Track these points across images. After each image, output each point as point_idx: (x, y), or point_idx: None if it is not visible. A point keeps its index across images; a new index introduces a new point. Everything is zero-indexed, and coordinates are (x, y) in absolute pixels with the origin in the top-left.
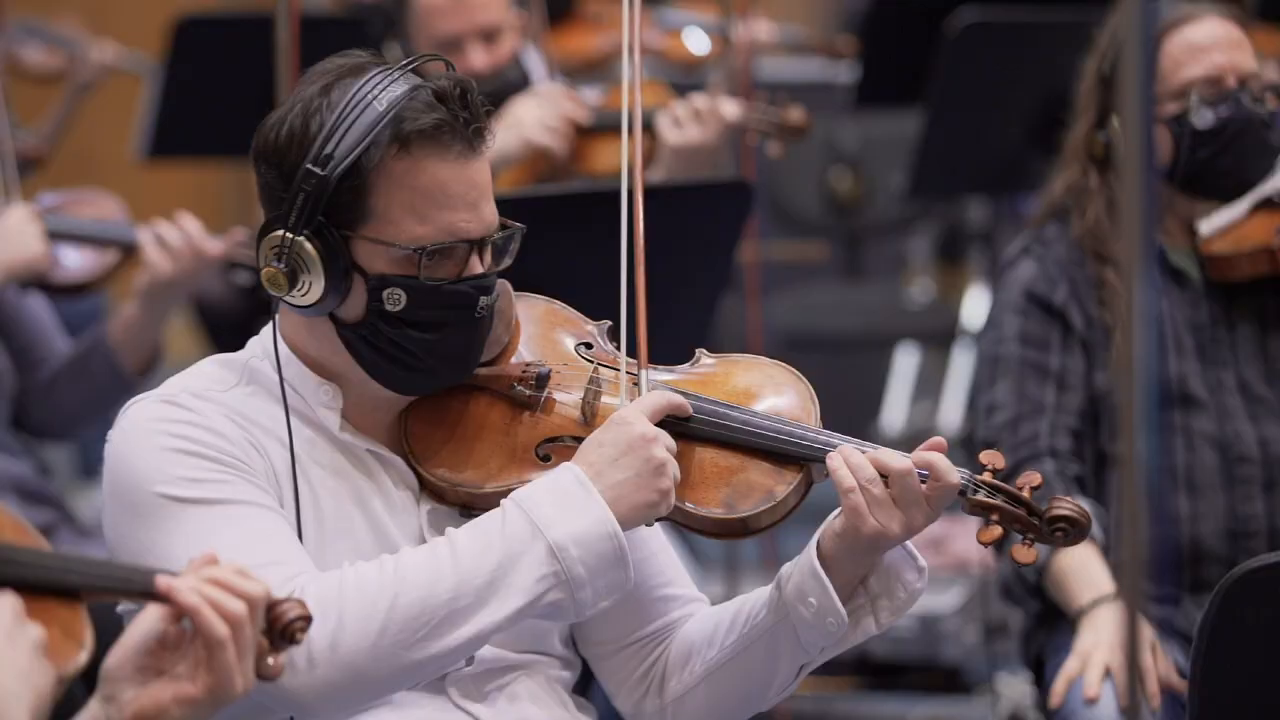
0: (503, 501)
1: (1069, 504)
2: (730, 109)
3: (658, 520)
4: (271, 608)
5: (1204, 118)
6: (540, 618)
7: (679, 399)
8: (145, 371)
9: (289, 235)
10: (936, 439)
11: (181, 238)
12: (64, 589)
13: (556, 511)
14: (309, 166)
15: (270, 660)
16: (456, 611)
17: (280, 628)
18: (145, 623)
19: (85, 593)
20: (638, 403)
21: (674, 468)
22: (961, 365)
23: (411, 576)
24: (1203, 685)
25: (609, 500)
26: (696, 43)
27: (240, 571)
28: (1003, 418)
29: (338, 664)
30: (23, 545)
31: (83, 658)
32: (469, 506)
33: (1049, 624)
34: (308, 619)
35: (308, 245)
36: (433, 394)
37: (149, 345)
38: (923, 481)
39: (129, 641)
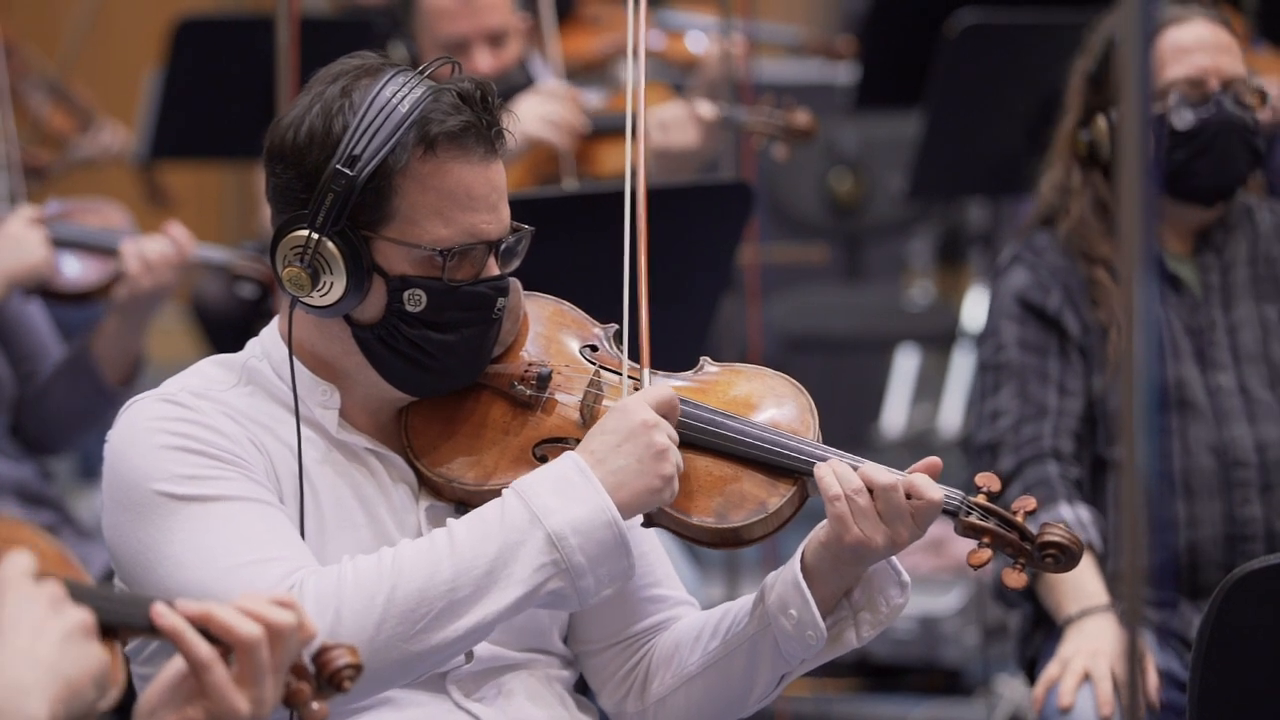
0: (503, 491)
1: (1061, 531)
2: (706, 109)
3: (654, 526)
4: (321, 653)
5: (1183, 118)
6: (543, 607)
7: (675, 400)
8: (127, 382)
9: (314, 235)
10: (931, 459)
11: (161, 252)
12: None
13: (556, 500)
14: (339, 167)
15: (316, 706)
16: (456, 602)
17: (328, 674)
18: (177, 660)
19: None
20: (641, 392)
21: (677, 455)
22: (962, 367)
23: (409, 567)
24: (1202, 687)
25: (610, 487)
26: (698, 45)
27: (280, 600)
28: (1007, 422)
29: None
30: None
31: (110, 696)
32: (466, 503)
33: (1045, 626)
34: (358, 668)
35: (330, 245)
36: None
37: (131, 355)
38: (908, 497)
39: (160, 678)
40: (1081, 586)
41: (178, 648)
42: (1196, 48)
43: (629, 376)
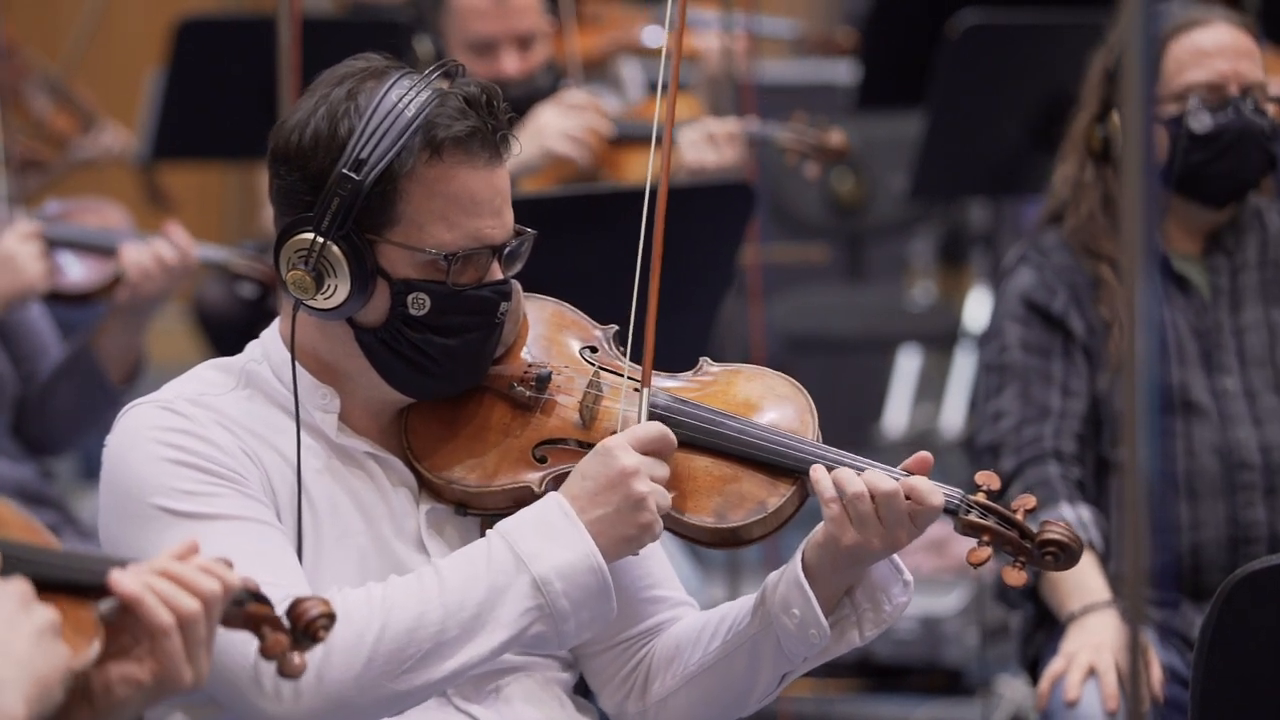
0: (488, 532)
1: (1061, 528)
2: (738, 125)
3: None
4: (294, 606)
5: (1202, 122)
6: (524, 648)
7: (669, 438)
8: (128, 381)
9: (319, 239)
10: (922, 455)
11: (161, 259)
12: (56, 584)
13: (541, 544)
14: (345, 171)
15: (295, 659)
16: (443, 644)
17: (303, 625)
18: (104, 604)
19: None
20: (628, 432)
21: (659, 498)
22: (963, 367)
23: (399, 607)
24: (1204, 687)
25: (592, 534)
26: (700, 38)
27: (207, 568)
28: (1009, 423)
29: (324, 695)
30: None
31: (92, 652)
32: (465, 505)
33: (1047, 626)
34: (331, 616)
35: (335, 249)
36: None
37: (132, 355)
38: (906, 498)
39: None
40: (1084, 584)
41: (137, 613)
42: (1217, 52)
43: (629, 378)
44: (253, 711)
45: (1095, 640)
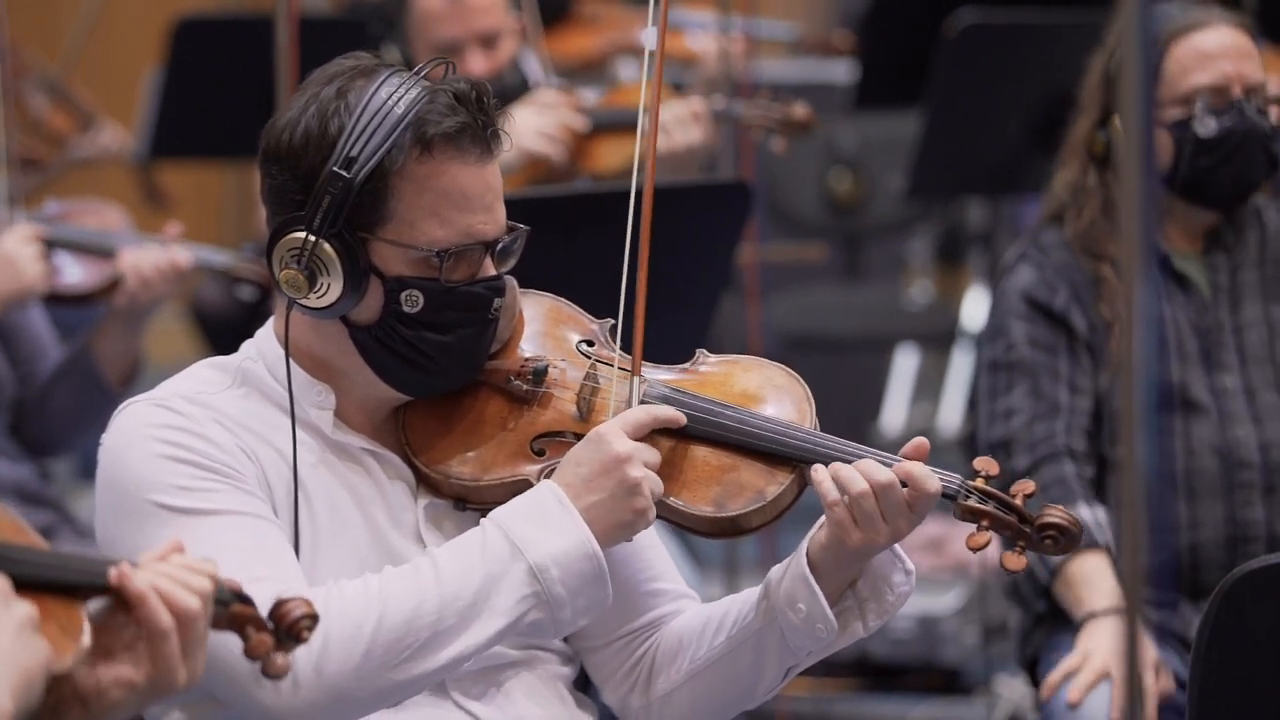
0: (482, 521)
1: (1060, 512)
2: (702, 104)
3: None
4: (277, 607)
5: (1207, 126)
6: (520, 635)
7: (668, 412)
8: (126, 383)
9: (311, 238)
10: (918, 441)
11: (157, 266)
12: (43, 584)
13: (536, 531)
14: (335, 169)
15: (279, 659)
16: (440, 633)
17: (286, 626)
18: (92, 605)
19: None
20: (619, 418)
21: (652, 484)
22: (961, 366)
23: (395, 597)
24: (1202, 687)
25: (586, 521)
26: (697, 41)
27: (196, 567)
28: (1020, 420)
29: (322, 686)
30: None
31: (80, 651)
32: (463, 499)
33: (1046, 625)
34: (314, 617)
35: (327, 247)
36: None
37: (130, 357)
38: (903, 485)
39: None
40: (1103, 585)
41: (138, 612)
42: (1221, 54)
43: (621, 369)
44: (252, 705)
45: (1111, 644)
